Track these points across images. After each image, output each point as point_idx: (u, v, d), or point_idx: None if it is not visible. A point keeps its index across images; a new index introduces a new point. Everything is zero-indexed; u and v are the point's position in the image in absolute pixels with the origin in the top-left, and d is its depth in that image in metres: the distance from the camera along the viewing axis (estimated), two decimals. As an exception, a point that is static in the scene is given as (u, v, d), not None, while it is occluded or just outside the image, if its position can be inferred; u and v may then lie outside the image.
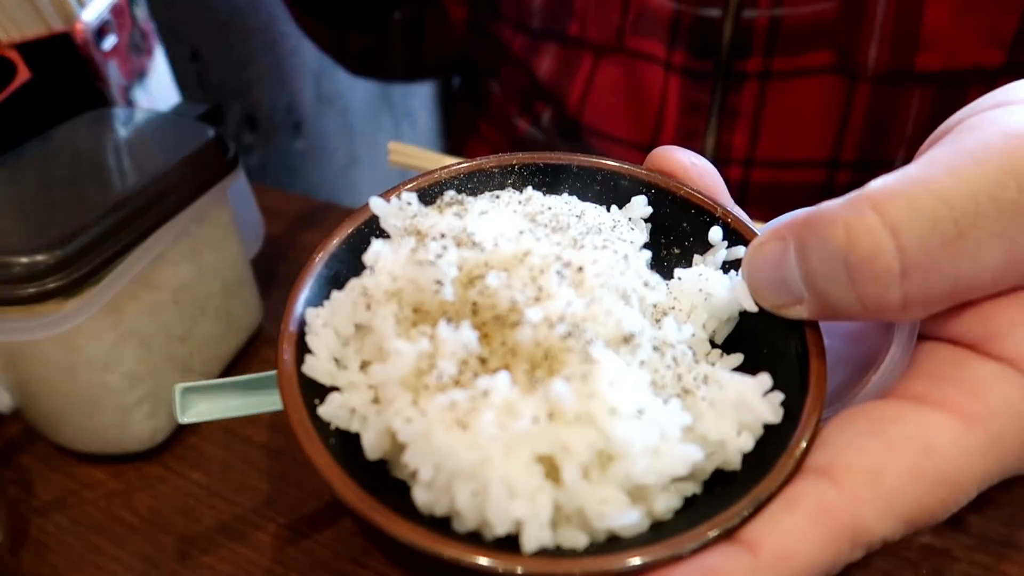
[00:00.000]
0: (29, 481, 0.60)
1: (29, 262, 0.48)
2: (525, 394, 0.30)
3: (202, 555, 0.55)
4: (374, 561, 0.54)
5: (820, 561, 0.28)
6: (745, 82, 0.75)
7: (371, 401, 0.33)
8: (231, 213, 0.65)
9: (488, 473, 0.29)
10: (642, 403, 0.30)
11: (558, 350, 0.31)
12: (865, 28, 0.68)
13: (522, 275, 0.34)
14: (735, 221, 0.40)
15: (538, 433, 0.29)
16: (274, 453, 0.62)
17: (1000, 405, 0.30)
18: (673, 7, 0.74)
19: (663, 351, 0.34)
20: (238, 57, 1.30)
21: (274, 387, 0.51)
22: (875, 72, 0.70)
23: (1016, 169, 0.29)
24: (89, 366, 0.54)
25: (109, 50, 0.72)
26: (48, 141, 0.60)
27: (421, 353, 0.32)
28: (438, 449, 0.29)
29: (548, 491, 0.30)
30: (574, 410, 0.30)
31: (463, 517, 0.30)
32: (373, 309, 0.34)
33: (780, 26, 0.70)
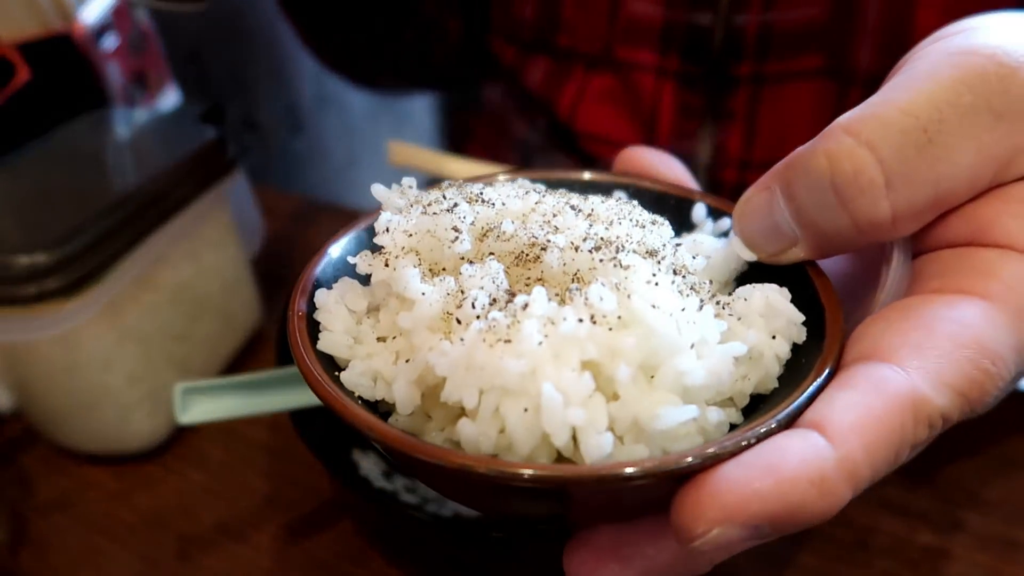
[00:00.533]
0: (29, 481, 0.60)
1: (29, 262, 0.48)
2: (564, 305, 0.29)
3: (202, 555, 0.55)
4: (374, 561, 0.54)
5: (889, 436, 0.27)
6: (738, 86, 0.75)
7: (394, 362, 0.31)
8: (231, 213, 0.65)
9: (538, 385, 0.27)
10: (682, 303, 0.30)
11: (588, 268, 0.30)
12: (855, 31, 0.69)
13: (536, 219, 0.33)
14: (714, 200, 0.41)
15: (585, 336, 0.28)
16: (274, 453, 0.62)
17: (1014, 281, 0.31)
18: (664, 15, 0.74)
19: (683, 273, 0.33)
20: (238, 57, 1.30)
21: (274, 387, 0.51)
22: (866, 75, 0.70)
23: (966, 76, 0.32)
24: (89, 366, 0.54)
25: (109, 50, 0.72)
26: (48, 142, 0.60)
27: (449, 293, 0.30)
28: (481, 369, 0.27)
29: (601, 399, 0.28)
30: (615, 311, 0.28)
31: (516, 443, 0.27)
32: (391, 265, 0.32)
33: (771, 30, 0.71)
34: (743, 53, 0.73)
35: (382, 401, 0.32)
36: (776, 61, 0.72)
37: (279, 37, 1.42)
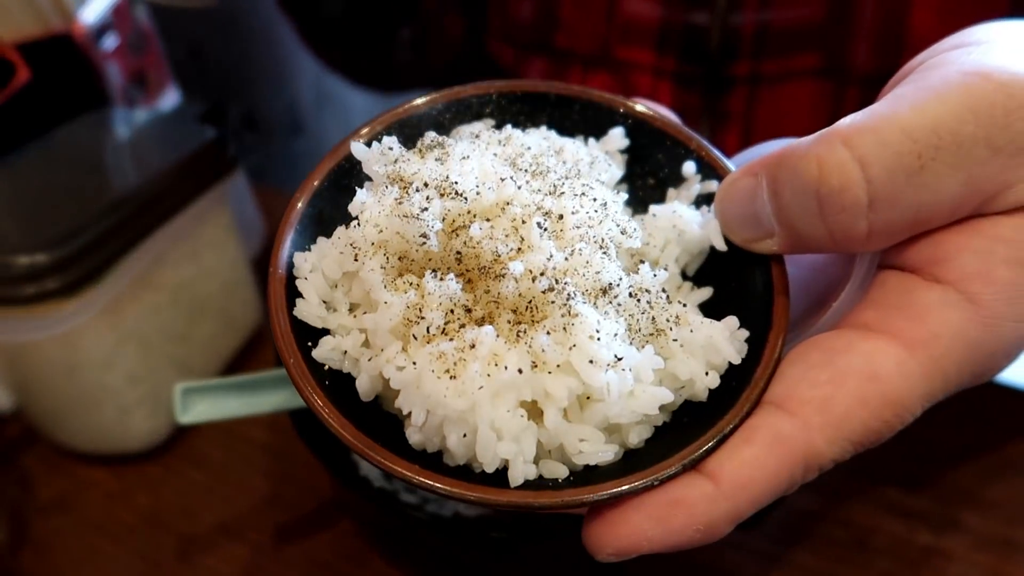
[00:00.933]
0: (29, 481, 0.60)
1: (29, 262, 0.48)
2: (510, 345, 0.32)
3: (202, 555, 0.55)
4: (374, 561, 0.54)
5: (774, 487, 0.31)
6: (735, 86, 0.76)
7: (362, 345, 0.35)
8: (231, 213, 0.65)
9: (476, 418, 0.31)
10: (619, 351, 0.32)
11: (540, 302, 0.33)
12: (851, 31, 0.69)
13: (504, 225, 0.35)
14: (708, 155, 0.41)
15: (522, 382, 0.32)
16: (274, 453, 0.62)
17: (941, 328, 0.32)
18: (661, 15, 0.75)
19: (639, 296, 0.35)
20: (238, 57, 1.30)
21: (274, 387, 0.51)
22: (862, 74, 0.71)
23: (974, 104, 0.31)
24: (89, 366, 0.54)
25: (109, 50, 0.72)
26: (48, 142, 0.60)
27: (409, 304, 0.33)
28: (428, 396, 0.31)
29: (532, 431, 0.32)
30: (556, 360, 0.32)
31: (454, 454, 0.32)
32: (360, 260, 0.35)
33: (767, 30, 0.71)
34: (739, 53, 0.73)
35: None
36: (772, 60, 0.73)
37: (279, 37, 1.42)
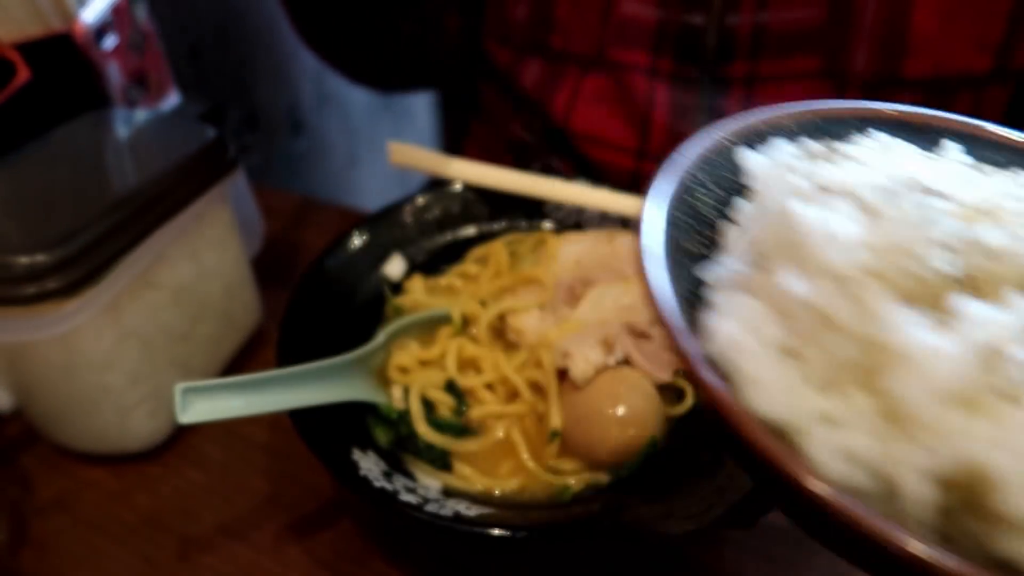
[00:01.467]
0: (29, 481, 0.60)
1: (29, 262, 0.48)
2: None
3: (202, 555, 0.55)
4: (374, 561, 0.54)
5: None
6: (731, 86, 0.75)
7: (878, 435, 0.22)
8: (231, 213, 0.65)
9: None
10: None
11: None
12: (852, 34, 0.69)
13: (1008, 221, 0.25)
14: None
15: None
16: (274, 453, 0.62)
17: None
18: (657, 16, 0.74)
19: None
20: (238, 57, 1.30)
21: (274, 387, 0.51)
22: (863, 77, 0.70)
23: None
24: (89, 366, 0.54)
25: (109, 50, 0.72)
26: (48, 141, 0.60)
27: (971, 347, 0.21)
28: None
29: None
30: None
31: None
32: (857, 295, 0.23)
33: (764, 31, 0.71)
34: (736, 53, 0.73)
35: None
36: (770, 62, 0.72)
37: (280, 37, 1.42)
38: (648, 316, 0.61)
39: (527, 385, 0.57)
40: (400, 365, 0.58)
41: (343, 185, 1.72)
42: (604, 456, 0.52)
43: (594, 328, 0.58)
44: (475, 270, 0.68)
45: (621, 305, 0.61)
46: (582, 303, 0.61)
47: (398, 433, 0.55)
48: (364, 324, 0.64)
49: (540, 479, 0.53)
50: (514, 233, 0.71)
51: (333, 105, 1.63)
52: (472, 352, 0.59)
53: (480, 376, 0.58)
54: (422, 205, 0.70)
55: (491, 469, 0.54)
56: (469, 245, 0.71)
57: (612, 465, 0.52)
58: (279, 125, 1.45)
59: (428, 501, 0.48)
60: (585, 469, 0.53)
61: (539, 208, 0.72)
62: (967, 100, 0.71)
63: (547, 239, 0.68)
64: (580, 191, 0.69)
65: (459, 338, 0.60)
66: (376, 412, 0.56)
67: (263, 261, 0.81)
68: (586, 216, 0.71)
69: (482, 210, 0.72)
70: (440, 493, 0.51)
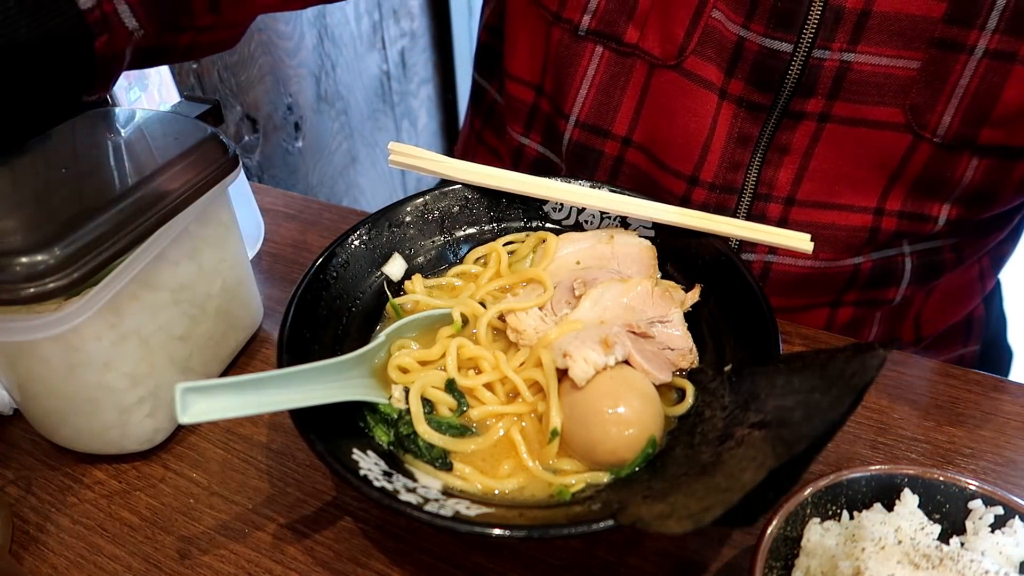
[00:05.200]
0: (29, 481, 0.60)
1: (29, 262, 0.48)
2: None
3: (202, 555, 0.55)
4: (374, 561, 0.54)
5: None
6: (801, 120, 0.72)
7: None
8: (231, 213, 0.65)
9: None
10: None
11: None
12: (942, 96, 0.67)
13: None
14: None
15: None
16: (274, 453, 0.62)
17: None
18: (738, 34, 0.70)
19: None
20: (238, 57, 1.30)
21: (274, 387, 0.51)
22: (941, 137, 0.69)
23: None
24: (89, 366, 0.54)
25: (109, 50, 0.72)
26: (48, 141, 0.60)
27: None
28: None
29: None
30: None
31: None
32: None
33: (850, 71, 0.68)
34: (816, 89, 0.70)
35: None
36: (849, 104, 0.70)
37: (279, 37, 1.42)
38: (648, 316, 0.61)
39: (527, 385, 0.57)
40: (400, 365, 0.58)
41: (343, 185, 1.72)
42: (604, 456, 0.52)
43: (594, 328, 0.58)
44: (475, 270, 0.68)
45: (621, 305, 0.61)
46: (582, 303, 0.61)
47: (398, 433, 0.55)
48: (364, 324, 0.64)
49: (540, 479, 0.53)
50: (514, 233, 0.71)
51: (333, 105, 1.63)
52: (472, 352, 0.59)
53: (480, 376, 0.58)
54: (422, 205, 0.70)
55: (491, 469, 0.54)
56: (469, 245, 0.71)
57: (612, 465, 0.52)
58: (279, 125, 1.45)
59: (428, 501, 0.48)
60: (585, 469, 0.53)
61: (539, 208, 0.72)
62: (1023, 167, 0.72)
63: (547, 239, 0.68)
64: (580, 191, 0.69)
65: (459, 338, 0.60)
66: (376, 412, 0.56)
67: (263, 261, 0.81)
68: (586, 216, 0.71)
69: (482, 210, 0.72)
70: (440, 493, 0.51)
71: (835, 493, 0.48)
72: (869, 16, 0.66)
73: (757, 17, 0.69)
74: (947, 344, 0.90)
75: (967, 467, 0.58)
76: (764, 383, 0.51)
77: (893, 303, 0.81)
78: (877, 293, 0.80)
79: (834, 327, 0.82)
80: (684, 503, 0.43)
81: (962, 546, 0.45)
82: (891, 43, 0.66)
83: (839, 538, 0.46)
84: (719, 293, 0.62)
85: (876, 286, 0.80)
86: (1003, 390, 0.64)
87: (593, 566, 0.53)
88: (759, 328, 0.56)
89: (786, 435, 0.44)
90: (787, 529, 0.46)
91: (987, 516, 0.46)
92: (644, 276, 0.64)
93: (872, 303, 0.81)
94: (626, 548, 0.54)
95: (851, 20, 0.67)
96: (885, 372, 0.66)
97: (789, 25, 0.68)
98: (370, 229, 0.67)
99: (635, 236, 0.68)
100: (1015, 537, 0.45)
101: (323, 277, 0.63)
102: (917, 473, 0.48)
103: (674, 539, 0.54)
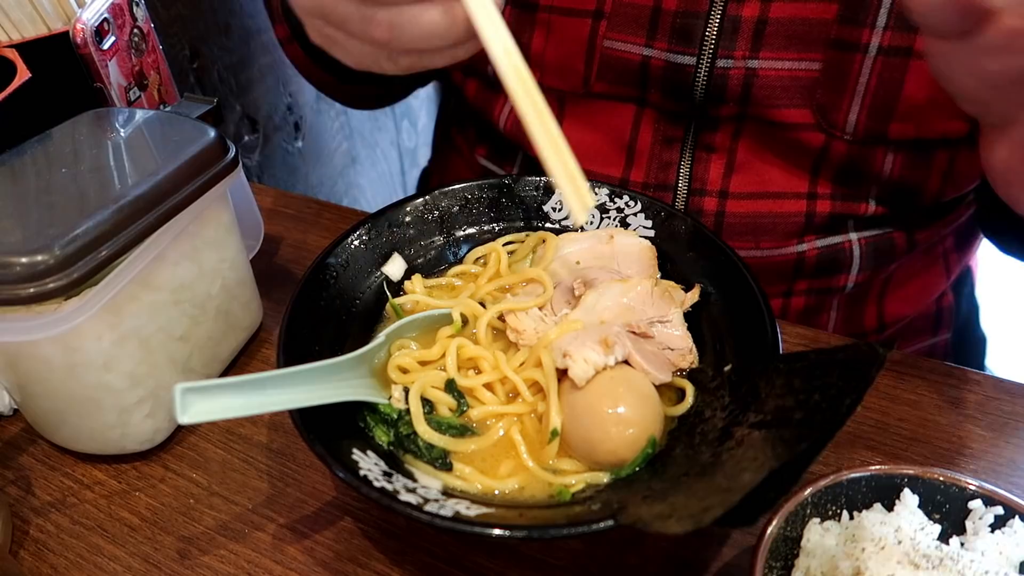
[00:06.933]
0: (29, 481, 0.60)
1: (29, 262, 0.48)
2: None
3: (202, 555, 0.55)
4: (374, 561, 0.54)
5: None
6: (720, 123, 0.75)
7: None
8: (231, 213, 0.65)
9: None
10: None
11: None
12: (845, 95, 0.69)
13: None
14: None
15: None
16: (274, 453, 0.62)
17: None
18: (642, 55, 0.73)
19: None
20: (238, 57, 1.30)
21: (274, 387, 0.51)
22: (851, 135, 0.71)
23: None
24: (89, 366, 0.54)
25: (109, 49, 0.72)
26: (48, 141, 0.60)
27: None
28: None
29: None
30: None
31: None
32: None
33: (755, 77, 0.70)
34: (725, 96, 0.72)
35: None
36: (760, 107, 0.72)
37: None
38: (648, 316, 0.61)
39: (527, 385, 0.57)
40: (400, 365, 0.58)
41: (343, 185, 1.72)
42: (604, 456, 0.52)
43: (594, 328, 0.58)
44: (475, 270, 0.68)
45: (621, 305, 0.61)
46: (582, 303, 0.61)
47: (398, 433, 0.55)
48: (364, 324, 0.64)
49: (540, 479, 0.53)
50: (514, 233, 0.71)
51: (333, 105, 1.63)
52: (472, 352, 0.59)
53: (480, 376, 0.58)
54: (422, 205, 0.70)
55: (491, 469, 0.54)
56: (469, 245, 0.71)
57: (612, 465, 0.52)
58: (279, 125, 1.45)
59: (428, 501, 0.48)
60: (585, 469, 0.53)
61: (539, 208, 0.72)
62: (943, 158, 0.73)
63: (547, 239, 0.68)
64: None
65: (459, 338, 0.60)
66: (376, 412, 0.56)
67: (263, 261, 0.81)
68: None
69: (482, 210, 0.71)
70: (440, 493, 0.51)
71: (835, 493, 0.48)
72: (767, 23, 0.68)
73: (659, 35, 0.72)
74: (916, 334, 0.91)
75: (967, 467, 0.58)
76: (764, 383, 0.51)
77: (845, 290, 0.82)
78: (827, 281, 0.81)
79: (789, 316, 0.83)
80: (684, 503, 0.43)
81: (962, 546, 0.45)
82: (791, 47, 0.68)
83: (839, 538, 0.46)
84: (719, 293, 0.62)
85: (825, 273, 0.81)
86: (1003, 390, 0.64)
87: (593, 566, 0.53)
88: (759, 328, 0.56)
89: (786, 435, 0.44)
90: (787, 529, 0.46)
91: (987, 516, 0.46)
92: (644, 276, 0.64)
93: (824, 291, 0.82)
94: (626, 548, 0.54)
95: (749, 28, 0.68)
96: (885, 372, 0.66)
97: (690, 39, 0.70)
98: (370, 229, 0.67)
99: (635, 236, 0.68)
100: (1015, 537, 0.45)
101: (323, 277, 0.63)
102: (917, 473, 0.48)
103: (674, 539, 0.54)
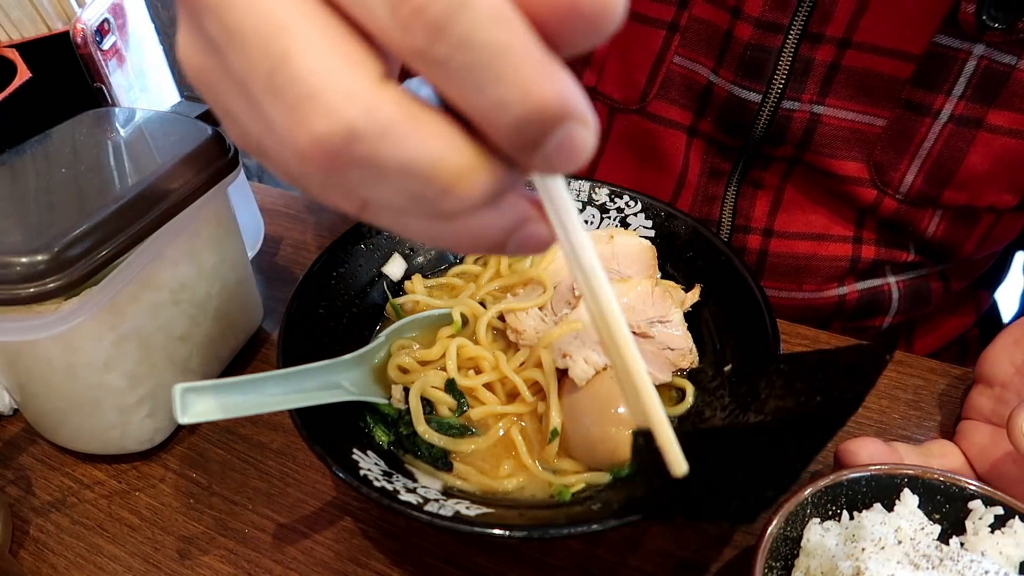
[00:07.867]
0: (29, 481, 0.60)
1: (29, 262, 0.48)
2: None
3: (202, 555, 0.55)
4: (374, 561, 0.54)
5: None
6: (772, 162, 0.73)
7: None
8: (231, 213, 0.65)
9: None
10: None
11: None
12: (906, 156, 0.68)
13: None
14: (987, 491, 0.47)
15: None
16: (274, 453, 0.62)
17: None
18: (708, 78, 0.71)
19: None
20: (238, 57, 1.30)
21: (274, 387, 0.51)
22: (903, 195, 0.70)
23: None
24: (89, 366, 0.54)
25: (109, 50, 0.72)
26: (48, 141, 0.60)
27: None
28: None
29: None
30: None
31: None
32: None
33: (818, 123, 0.68)
34: (785, 139, 0.70)
35: None
36: (817, 156, 0.70)
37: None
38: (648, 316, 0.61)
39: (527, 385, 0.57)
40: (400, 365, 0.58)
41: (343, 185, 1.72)
42: (604, 456, 0.52)
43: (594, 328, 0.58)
44: (475, 270, 0.68)
45: (621, 305, 0.61)
46: (582, 303, 0.61)
47: (398, 433, 0.55)
48: (364, 324, 0.64)
49: (540, 479, 0.53)
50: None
51: (333, 105, 1.63)
52: (472, 352, 0.59)
53: (480, 376, 0.58)
54: (422, 205, 0.70)
55: (491, 469, 0.54)
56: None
57: (612, 465, 0.52)
58: (279, 125, 1.45)
59: (428, 501, 0.48)
60: (585, 469, 0.53)
61: (539, 208, 0.71)
62: (987, 222, 0.73)
63: (547, 239, 0.68)
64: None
65: (459, 338, 0.60)
66: (376, 412, 0.56)
67: (263, 261, 0.81)
68: (586, 216, 0.71)
69: (482, 210, 0.71)
70: (440, 493, 0.51)
71: (835, 493, 0.48)
72: (838, 70, 0.66)
73: (726, 64, 0.70)
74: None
75: (967, 467, 0.58)
76: (764, 383, 0.51)
77: (880, 330, 0.82)
78: (865, 322, 0.80)
79: None
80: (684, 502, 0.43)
81: (962, 546, 0.45)
82: (859, 98, 0.67)
83: (839, 538, 0.46)
84: (719, 293, 0.62)
85: (864, 316, 0.80)
86: (1003, 390, 0.64)
87: (593, 566, 0.53)
88: (759, 328, 0.56)
89: (786, 435, 0.44)
90: (787, 529, 0.46)
91: (987, 516, 0.46)
92: (644, 276, 0.64)
93: (859, 331, 0.81)
94: (626, 548, 0.54)
95: (820, 73, 0.67)
96: (886, 372, 0.66)
97: (758, 75, 0.68)
98: (370, 229, 0.67)
99: (635, 236, 0.68)
100: (1015, 537, 0.45)
101: (323, 277, 0.63)
102: (917, 473, 0.48)
103: (674, 539, 0.54)
